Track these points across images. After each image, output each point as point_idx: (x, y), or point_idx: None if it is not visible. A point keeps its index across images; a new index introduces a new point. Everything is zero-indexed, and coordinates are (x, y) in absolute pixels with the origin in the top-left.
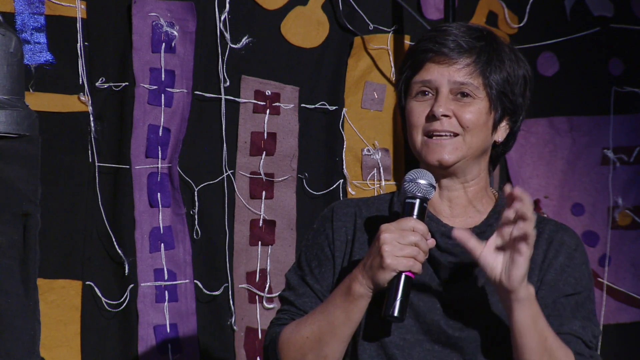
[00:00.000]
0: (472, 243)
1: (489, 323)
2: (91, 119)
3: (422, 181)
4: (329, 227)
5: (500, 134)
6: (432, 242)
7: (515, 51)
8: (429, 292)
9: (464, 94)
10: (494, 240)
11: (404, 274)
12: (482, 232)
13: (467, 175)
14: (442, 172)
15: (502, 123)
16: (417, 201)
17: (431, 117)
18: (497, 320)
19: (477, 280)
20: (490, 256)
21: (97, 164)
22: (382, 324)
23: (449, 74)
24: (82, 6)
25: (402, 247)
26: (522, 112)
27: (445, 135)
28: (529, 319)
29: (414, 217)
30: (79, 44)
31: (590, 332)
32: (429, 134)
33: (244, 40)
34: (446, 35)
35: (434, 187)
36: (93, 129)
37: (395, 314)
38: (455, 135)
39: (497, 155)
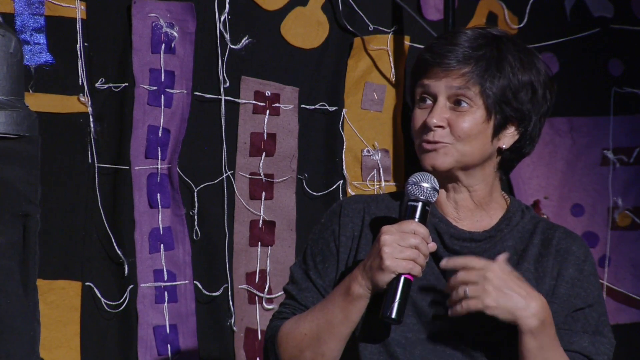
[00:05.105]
0: None
1: (493, 325)
2: (91, 119)
3: (425, 184)
4: (336, 223)
5: (506, 141)
6: (432, 246)
7: (525, 56)
8: (434, 292)
9: (460, 103)
10: None
11: (403, 276)
12: (491, 236)
13: (470, 180)
14: (443, 175)
15: (509, 130)
16: (420, 204)
17: (426, 127)
18: (501, 323)
19: None
20: None
21: (96, 164)
22: (384, 322)
23: (446, 82)
24: (82, 7)
25: (402, 249)
26: (533, 117)
27: (437, 144)
28: (534, 348)
29: (416, 220)
30: (78, 45)
31: (600, 346)
32: (422, 142)
33: (244, 40)
34: (447, 44)
35: (437, 191)
36: (93, 129)
37: (393, 315)
38: (446, 144)
39: (508, 160)
